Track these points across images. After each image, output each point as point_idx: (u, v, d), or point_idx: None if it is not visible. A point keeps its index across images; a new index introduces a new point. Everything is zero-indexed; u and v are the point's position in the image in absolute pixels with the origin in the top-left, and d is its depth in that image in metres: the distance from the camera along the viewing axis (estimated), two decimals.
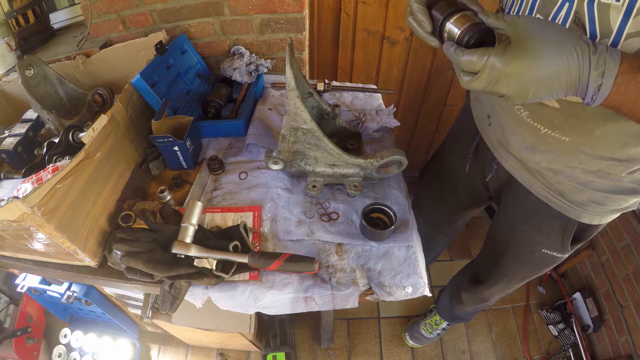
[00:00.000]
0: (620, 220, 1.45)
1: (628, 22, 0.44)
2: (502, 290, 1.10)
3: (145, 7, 1.11)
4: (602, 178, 0.62)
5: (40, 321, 1.52)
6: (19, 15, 1.19)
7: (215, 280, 0.70)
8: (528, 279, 0.98)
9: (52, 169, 0.78)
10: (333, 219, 0.82)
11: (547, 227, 0.78)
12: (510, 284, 1.03)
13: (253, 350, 1.55)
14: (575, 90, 0.45)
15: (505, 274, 0.99)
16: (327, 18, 1.40)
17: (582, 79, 0.44)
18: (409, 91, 1.62)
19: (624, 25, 0.45)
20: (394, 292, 0.71)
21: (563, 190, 0.69)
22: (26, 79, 0.96)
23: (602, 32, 0.47)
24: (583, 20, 0.49)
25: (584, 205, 0.69)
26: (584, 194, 0.67)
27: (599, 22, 0.47)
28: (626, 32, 0.45)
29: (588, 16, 0.48)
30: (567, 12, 0.50)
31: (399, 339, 1.62)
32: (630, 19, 0.44)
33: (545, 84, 0.45)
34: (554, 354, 1.57)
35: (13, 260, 0.82)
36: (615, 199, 0.66)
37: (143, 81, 0.92)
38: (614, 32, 0.46)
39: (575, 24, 0.50)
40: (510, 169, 0.76)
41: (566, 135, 0.60)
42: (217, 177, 0.94)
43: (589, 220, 0.72)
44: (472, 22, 0.52)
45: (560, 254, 0.82)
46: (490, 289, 1.10)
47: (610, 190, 0.64)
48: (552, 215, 0.74)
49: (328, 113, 0.93)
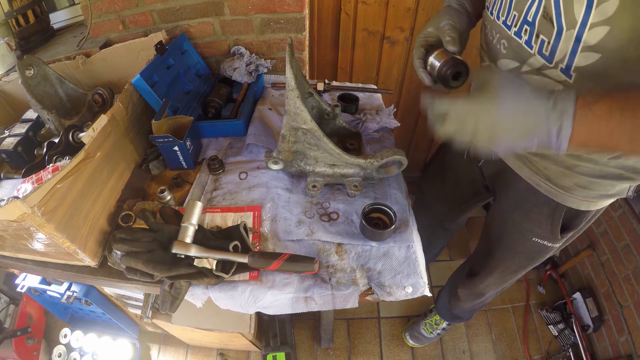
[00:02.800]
0: (620, 220, 1.45)
1: (591, 12, 0.48)
2: (497, 283, 1.10)
3: (145, 7, 1.11)
4: (586, 162, 0.65)
5: (40, 321, 1.52)
6: (19, 15, 1.20)
7: (215, 280, 0.70)
8: (522, 270, 0.99)
9: (52, 169, 0.78)
10: (333, 219, 0.82)
11: (536, 213, 0.80)
12: (505, 276, 1.04)
13: (253, 350, 1.55)
14: (539, 135, 0.48)
15: (498, 265, 1.01)
16: (327, 18, 1.40)
17: (541, 123, 0.47)
18: (409, 91, 1.62)
19: (587, 16, 0.48)
20: (394, 292, 0.71)
21: (550, 174, 0.72)
22: (26, 79, 0.96)
23: (568, 24, 0.51)
24: (551, 14, 0.53)
25: (570, 190, 0.71)
26: (570, 178, 0.69)
27: (565, 15, 0.51)
28: (590, 22, 0.49)
29: (555, 10, 0.52)
30: (537, 7, 0.55)
31: (399, 339, 1.62)
32: (592, 9, 0.47)
33: (506, 127, 0.49)
34: (554, 354, 1.57)
35: (13, 260, 0.82)
36: (602, 184, 0.68)
37: (143, 81, 0.92)
38: (578, 23, 0.50)
39: (545, 17, 0.54)
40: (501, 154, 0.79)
41: None
42: (217, 177, 0.94)
43: (576, 205, 0.74)
44: (450, 57, 0.63)
45: (551, 243, 0.83)
46: (484, 282, 1.11)
47: (597, 175, 0.66)
48: (541, 201, 0.77)
49: (328, 113, 0.93)
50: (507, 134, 0.50)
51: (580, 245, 1.65)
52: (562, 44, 0.53)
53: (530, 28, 0.58)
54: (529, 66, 0.61)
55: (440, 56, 0.65)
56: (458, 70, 0.63)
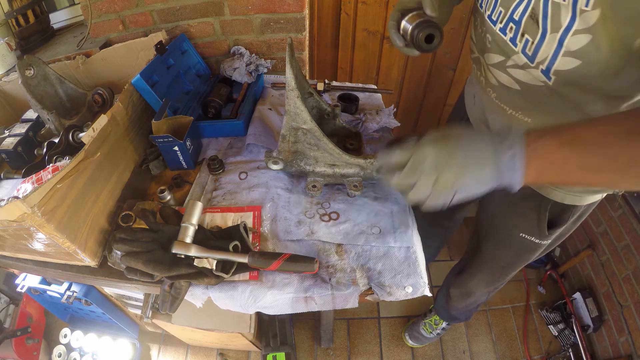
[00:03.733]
0: (620, 220, 1.45)
1: (575, 19, 0.48)
2: (486, 281, 1.10)
3: (145, 7, 1.11)
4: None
5: (40, 321, 1.52)
6: (19, 15, 1.20)
7: (215, 280, 0.70)
8: (510, 268, 0.99)
9: (52, 169, 0.78)
10: (333, 219, 0.82)
11: (522, 207, 0.80)
12: (493, 273, 1.04)
13: (253, 350, 1.55)
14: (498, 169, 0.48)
15: (486, 261, 1.01)
16: (327, 18, 1.40)
17: (493, 157, 0.48)
18: (409, 91, 1.63)
19: (572, 22, 0.49)
20: (394, 292, 0.71)
21: None
22: (26, 79, 0.96)
23: (553, 27, 0.52)
24: (538, 15, 0.53)
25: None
26: None
27: (551, 19, 0.52)
28: (574, 29, 0.49)
29: (542, 12, 0.53)
30: (525, 7, 0.56)
31: (399, 339, 1.62)
32: (577, 17, 0.48)
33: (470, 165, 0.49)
34: (554, 354, 1.57)
35: (13, 260, 0.82)
36: None
37: (143, 81, 0.92)
38: (562, 27, 0.50)
39: (532, 18, 0.55)
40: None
41: (528, 116, 0.65)
42: (217, 177, 0.94)
43: (561, 199, 0.74)
44: (424, 19, 0.60)
45: (539, 239, 0.83)
46: (473, 279, 1.11)
47: None
48: (526, 195, 0.77)
49: (328, 113, 0.93)
50: (472, 171, 0.49)
51: (580, 245, 1.65)
52: (545, 45, 0.54)
53: (515, 26, 0.58)
54: (513, 61, 0.62)
55: (413, 19, 0.63)
56: (431, 33, 0.60)
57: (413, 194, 0.53)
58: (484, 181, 0.49)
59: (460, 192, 0.51)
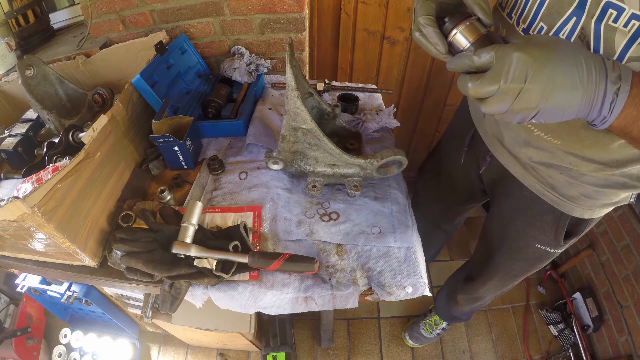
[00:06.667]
0: (620, 220, 1.45)
1: (632, 47, 0.45)
2: (497, 287, 1.10)
3: (145, 7, 1.11)
4: (593, 172, 0.63)
5: (40, 321, 1.52)
6: (19, 15, 1.19)
7: (215, 280, 0.70)
8: (522, 275, 0.98)
9: (52, 169, 0.78)
10: (333, 219, 0.82)
11: (540, 221, 0.78)
12: (505, 281, 1.03)
13: (253, 350, 1.55)
14: (591, 99, 0.42)
15: (499, 270, 0.99)
16: (327, 18, 1.40)
17: (599, 81, 0.41)
18: (409, 91, 1.62)
19: (627, 49, 0.45)
20: (394, 292, 0.71)
21: (555, 184, 0.70)
22: (26, 79, 0.96)
23: (605, 52, 0.47)
24: (588, 37, 0.48)
25: (575, 199, 0.70)
26: (575, 188, 0.68)
27: (604, 42, 0.47)
28: (628, 56, 0.46)
29: (594, 34, 0.48)
30: (574, 26, 0.49)
31: (399, 339, 1.62)
32: (634, 44, 0.44)
33: (561, 84, 0.42)
34: (554, 354, 1.57)
35: (13, 260, 0.82)
36: (607, 193, 0.67)
37: (143, 81, 0.92)
38: (616, 54, 0.47)
39: (580, 39, 0.49)
40: (504, 162, 0.76)
41: (558, 139, 0.61)
42: (217, 177, 0.94)
43: (580, 214, 0.73)
44: (482, 34, 0.49)
45: (554, 249, 0.82)
46: (484, 286, 1.10)
47: (602, 185, 0.65)
48: (545, 210, 0.75)
49: (328, 113, 0.93)
50: (558, 95, 0.42)
51: (580, 245, 1.65)
52: None
53: None
54: None
55: (470, 32, 0.50)
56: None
57: (489, 103, 0.45)
58: (571, 107, 0.43)
59: (542, 115, 0.44)
